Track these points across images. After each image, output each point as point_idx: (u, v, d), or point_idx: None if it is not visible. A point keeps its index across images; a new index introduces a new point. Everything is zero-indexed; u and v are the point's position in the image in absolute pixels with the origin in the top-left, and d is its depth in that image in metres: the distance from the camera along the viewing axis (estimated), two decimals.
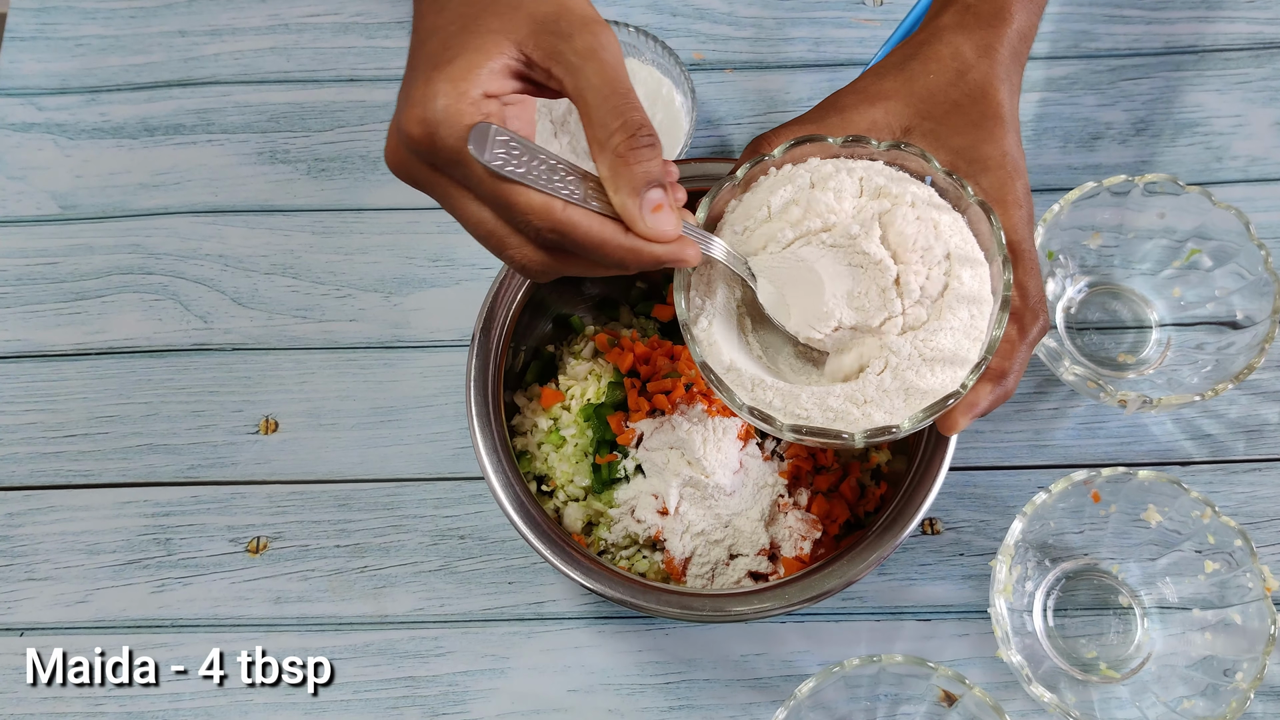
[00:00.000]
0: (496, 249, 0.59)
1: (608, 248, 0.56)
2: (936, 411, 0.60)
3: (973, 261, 0.62)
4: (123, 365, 0.89)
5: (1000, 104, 0.67)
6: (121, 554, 0.84)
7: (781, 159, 0.64)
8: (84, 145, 0.96)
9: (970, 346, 0.61)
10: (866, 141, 0.64)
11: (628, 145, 0.56)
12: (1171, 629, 0.79)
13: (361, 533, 0.84)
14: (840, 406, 0.61)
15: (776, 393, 0.61)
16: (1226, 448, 0.85)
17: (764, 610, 0.69)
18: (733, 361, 0.62)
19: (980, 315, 0.61)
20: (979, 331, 0.61)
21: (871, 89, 0.68)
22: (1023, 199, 0.65)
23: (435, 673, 0.80)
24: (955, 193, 0.63)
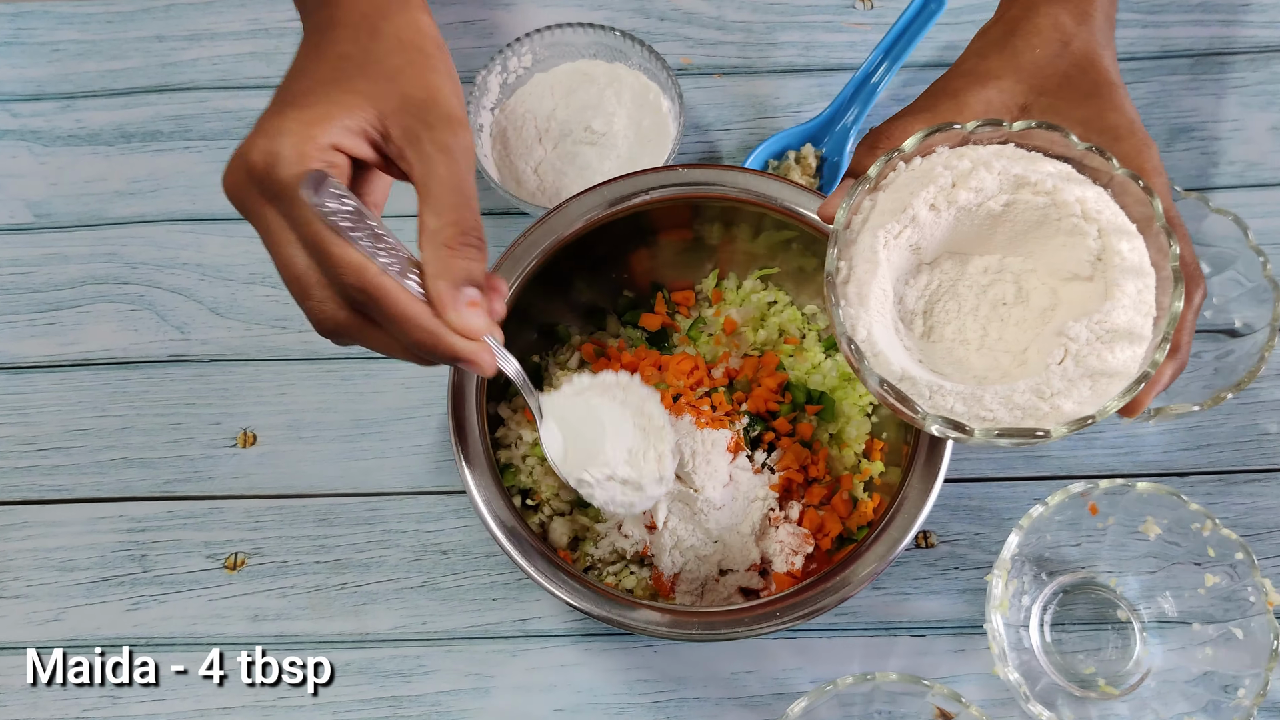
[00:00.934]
0: (299, 295, 0.58)
1: (410, 324, 0.56)
2: (1133, 393, 0.57)
3: (1128, 234, 0.59)
4: (97, 377, 0.87)
5: (1108, 70, 0.65)
6: (95, 570, 0.82)
7: (912, 153, 0.61)
8: (59, 152, 0.94)
9: (1143, 322, 0.58)
10: (998, 124, 0.61)
11: (458, 240, 0.56)
12: (1171, 644, 0.78)
13: (342, 548, 0.82)
14: (1026, 403, 0.57)
15: (957, 397, 0.58)
16: (1225, 458, 0.83)
17: (755, 629, 0.67)
18: (904, 369, 0.59)
19: (1147, 288, 0.59)
20: (1148, 305, 0.59)
21: (979, 70, 0.66)
22: (1160, 166, 0.64)
23: (418, 692, 0.78)
24: (1098, 165, 0.60)
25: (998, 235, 0.62)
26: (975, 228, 0.61)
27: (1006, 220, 0.61)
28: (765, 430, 0.79)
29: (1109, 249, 0.59)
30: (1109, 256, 0.59)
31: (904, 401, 0.57)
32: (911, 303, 0.63)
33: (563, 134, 0.88)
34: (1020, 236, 0.62)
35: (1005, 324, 0.62)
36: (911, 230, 0.60)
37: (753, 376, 0.80)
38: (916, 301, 0.63)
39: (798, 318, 0.83)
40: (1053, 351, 0.59)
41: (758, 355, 0.82)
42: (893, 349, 0.60)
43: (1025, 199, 0.60)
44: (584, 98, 0.89)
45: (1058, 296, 0.61)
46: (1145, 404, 0.60)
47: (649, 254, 0.82)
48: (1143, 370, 0.57)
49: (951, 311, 0.63)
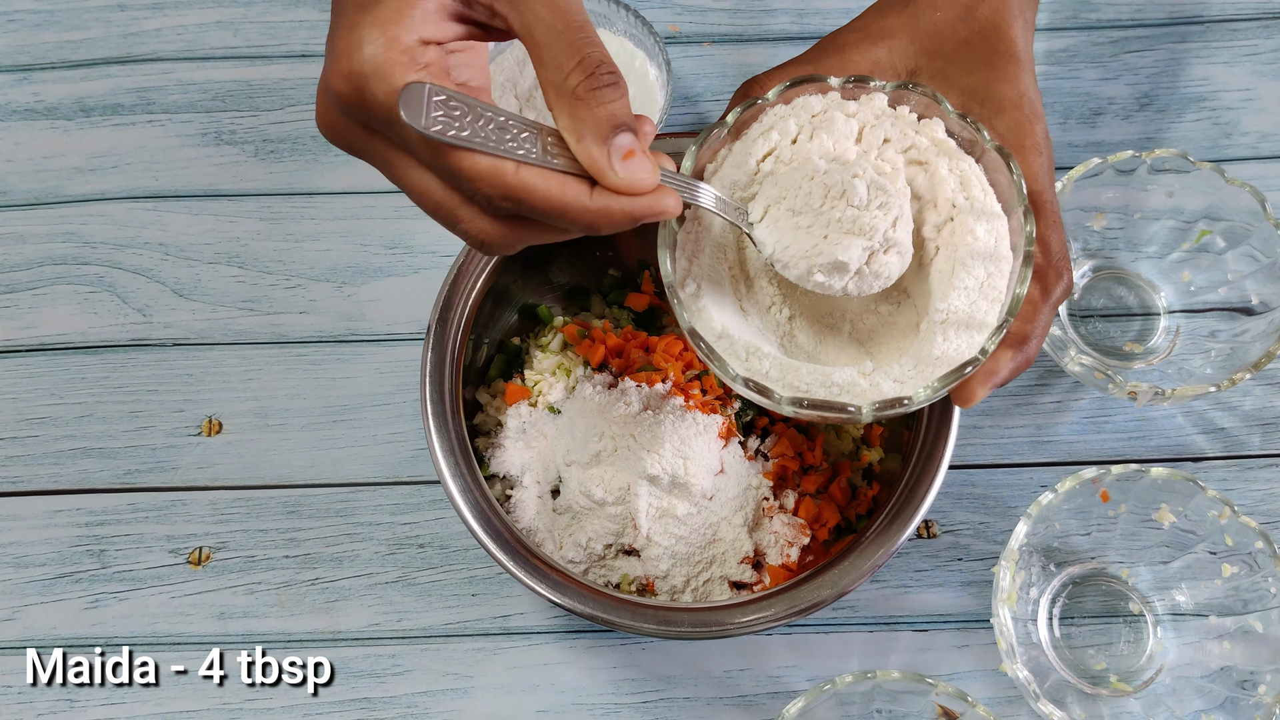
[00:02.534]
0: (448, 222, 0.52)
1: (573, 212, 0.50)
2: (953, 381, 0.53)
3: (988, 214, 0.56)
4: (55, 363, 0.84)
5: (1014, 40, 0.62)
6: (52, 567, 0.79)
7: (775, 101, 0.58)
8: (15, 127, 0.91)
9: (988, 308, 0.55)
10: (869, 82, 0.57)
11: (587, 86, 0.49)
12: (1186, 638, 0.75)
13: (312, 542, 0.79)
14: (846, 378, 0.54)
15: (774, 363, 0.55)
16: (1241, 442, 0.80)
17: (748, 625, 0.64)
18: (725, 328, 0.56)
19: (999, 274, 0.55)
20: (997, 292, 0.55)
21: (874, 26, 0.63)
22: (1043, 144, 0.60)
23: (393, 693, 0.75)
24: (969, 137, 0.57)
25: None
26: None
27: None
28: (759, 415, 0.75)
29: (963, 228, 0.55)
30: (960, 236, 0.55)
31: (713, 358, 0.54)
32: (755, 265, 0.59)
33: (544, 104, 0.84)
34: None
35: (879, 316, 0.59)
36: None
37: None
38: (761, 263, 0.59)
39: None
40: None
41: None
42: (721, 308, 0.56)
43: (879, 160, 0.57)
44: None
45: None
46: (978, 394, 0.57)
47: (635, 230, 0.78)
48: (970, 356, 0.54)
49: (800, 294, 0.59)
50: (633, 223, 0.51)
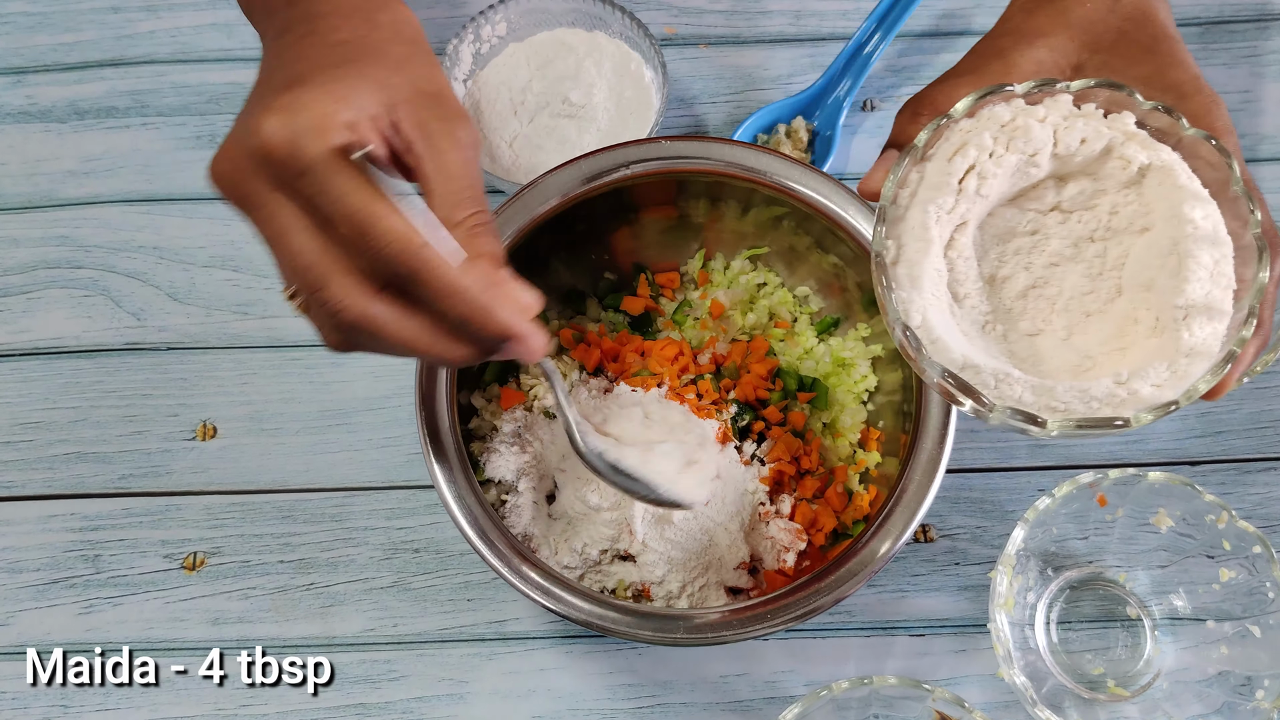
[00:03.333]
0: (314, 284, 0.51)
1: (461, 298, 0.51)
2: (1217, 375, 0.53)
3: (1201, 199, 0.55)
4: (49, 367, 0.83)
5: (1164, 23, 0.61)
6: (46, 572, 0.78)
7: (962, 117, 0.56)
8: (8, 130, 0.90)
9: (1222, 295, 0.54)
10: (1054, 84, 0.56)
11: (483, 226, 0.53)
12: (1184, 642, 0.75)
13: (307, 547, 0.78)
14: (1103, 392, 0.53)
15: (1026, 387, 0.54)
16: (1239, 446, 0.80)
17: (745, 633, 0.63)
18: (966, 357, 0.54)
19: (1224, 259, 0.54)
20: (1227, 278, 0.54)
21: (1027, 27, 0.62)
22: (1230, 124, 0.59)
23: (388, 699, 0.75)
24: (1164, 126, 0.56)
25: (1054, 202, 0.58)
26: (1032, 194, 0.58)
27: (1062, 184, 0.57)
28: (755, 419, 0.75)
29: (1179, 216, 0.54)
30: (1180, 225, 0.54)
31: (967, 392, 0.53)
32: (969, 282, 0.58)
33: (539, 106, 0.84)
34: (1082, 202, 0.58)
35: (1088, 313, 0.58)
36: (965, 203, 0.56)
37: (741, 362, 0.76)
38: (973, 279, 0.58)
39: (789, 300, 0.79)
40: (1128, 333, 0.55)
41: (746, 340, 0.78)
42: (950, 334, 0.55)
43: (1082, 155, 0.56)
44: (561, 68, 0.84)
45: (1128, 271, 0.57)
46: (1231, 385, 0.56)
47: (631, 233, 0.79)
48: (1227, 349, 0.53)
49: (1030, 295, 0.58)
50: (503, 335, 0.52)
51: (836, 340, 0.78)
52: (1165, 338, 0.54)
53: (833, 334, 0.78)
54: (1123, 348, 0.56)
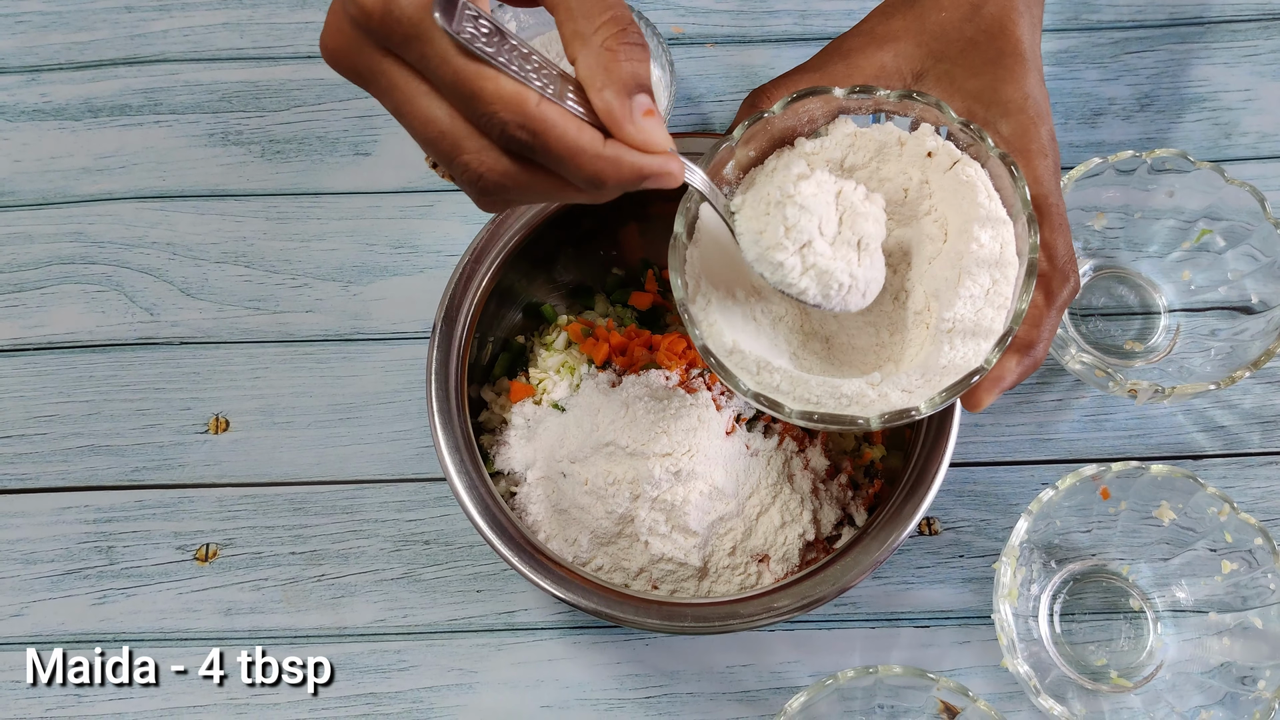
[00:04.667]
0: (448, 153, 0.50)
1: (584, 156, 0.48)
2: (959, 390, 0.54)
3: (994, 220, 0.56)
4: (63, 361, 0.84)
5: (1020, 40, 0.61)
6: (60, 563, 0.79)
7: (782, 114, 0.58)
8: (23, 127, 0.91)
9: (994, 315, 0.55)
10: (874, 92, 0.58)
11: (617, 39, 0.49)
12: (1186, 634, 0.75)
13: (318, 539, 0.79)
14: (855, 390, 0.55)
15: (784, 376, 0.56)
16: (1241, 440, 0.80)
17: (751, 621, 0.64)
18: (736, 343, 0.57)
19: (1004, 280, 0.56)
20: (1003, 298, 0.56)
21: (879, 30, 0.63)
22: (1048, 146, 0.60)
23: (398, 688, 0.75)
24: (972, 144, 0.58)
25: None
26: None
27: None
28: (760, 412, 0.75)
29: (968, 234, 0.56)
30: (967, 242, 0.56)
31: (724, 374, 0.56)
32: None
33: None
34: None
35: (879, 324, 0.61)
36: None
37: None
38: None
39: None
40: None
41: None
42: (731, 323, 0.57)
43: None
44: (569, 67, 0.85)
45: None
46: (985, 401, 0.59)
47: (639, 229, 0.79)
48: (976, 366, 0.54)
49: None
50: (638, 180, 0.50)
51: None
52: (932, 348, 0.56)
53: None
54: (904, 351, 0.59)
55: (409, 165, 0.88)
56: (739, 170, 0.59)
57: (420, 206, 0.87)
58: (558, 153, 0.48)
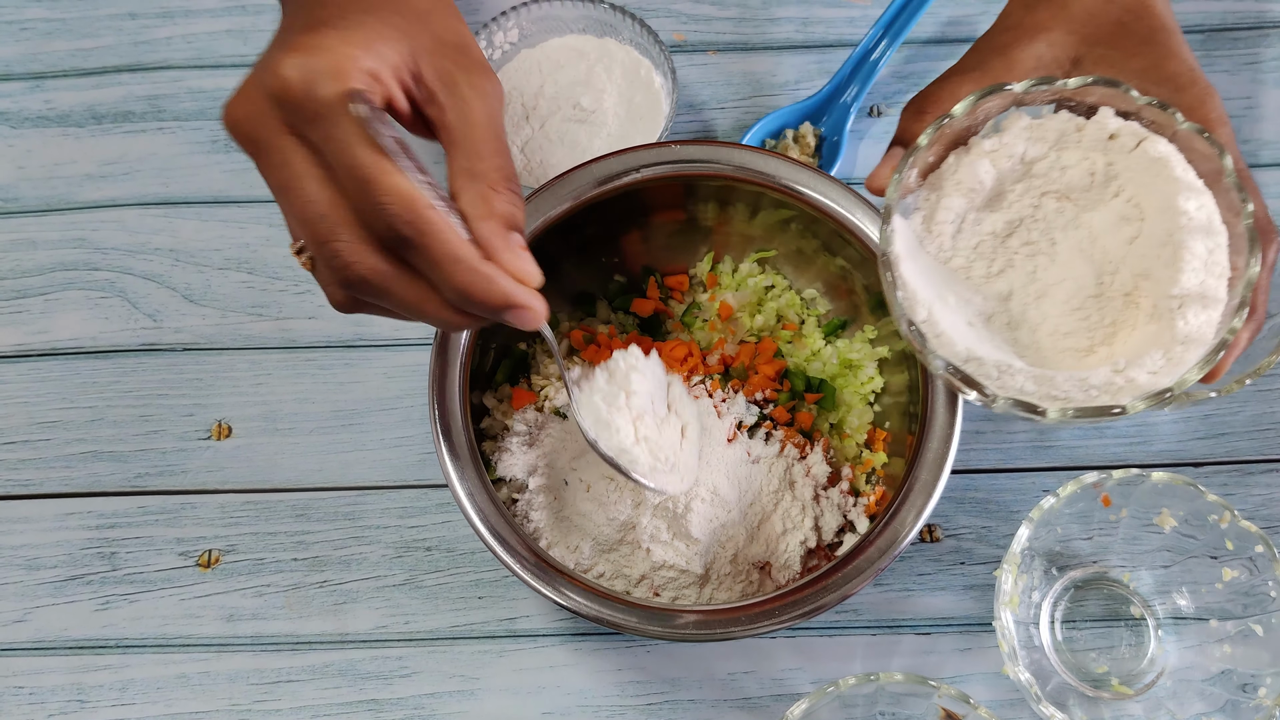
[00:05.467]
0: (324, 236, 0.51)
1: (461, 266, 0.50)
2: (1211, 362, 0.55)
3: (1195, 190, 0.57)
4: (66, 367, 0.84)
5: (1162, 14, 0.63)
6: (63, 569, 0.79)
7: (963, 117, 0.58)
8: (27, 134, 0.91)
9: (1217, 284, 0.56)
10: (1053, 82, 0.58)
11: (503, 184, 0.52)
12: (1187, 641, 0.75)
13: (320, 545, 0.79)
14: (1101, 380, 0.55)
15: (1028, 378, 0.56)
16: (1241, 448, 0.80)
17: (753, 629, 0.64)
18: (969, 350, 0.56)
19: (1219, 248, 0.56)
20: (1221, 266, 0.56)
21: (1027, 23, 0.64)
22: (1224, 115, 0.61)
23: (400, 695, 0.75)
24: (1159, 120, 0.58)
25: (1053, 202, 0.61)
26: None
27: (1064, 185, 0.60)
28: (763, 419, 0.76)
29: (1174, 208, 0.56)
30: (1175, 217, 0.56)
31: (970, 384, 0.55)
32: (974, 276, 0.61)
33: (551, 111, 0.85)
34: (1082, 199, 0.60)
35: (1085, 302, 0.60)
36: (967, 203, 0.59)
37: (749, 364, 0.77)
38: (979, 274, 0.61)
39: (796, 302, 0.80)
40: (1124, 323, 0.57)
41: (755, 341, 0.79)
42: (955, 328, 0.58)
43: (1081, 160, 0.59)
44: (573, 74, 0.86)
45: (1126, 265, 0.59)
46: (1225, 370, 0.58)
47: (641, 236, 0.79)
48: (1220, 337, 0.55)
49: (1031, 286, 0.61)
50: (504, 304, 0.52)
51: (844, 342, 0.79)
52: (1161, 325, 0.56)
53: (840, 336, 0.79)
54: (1116, 335, 0.58)
55: None
56: (920, 176, 0.60)
57: None
58: (437, 256, 0.50)
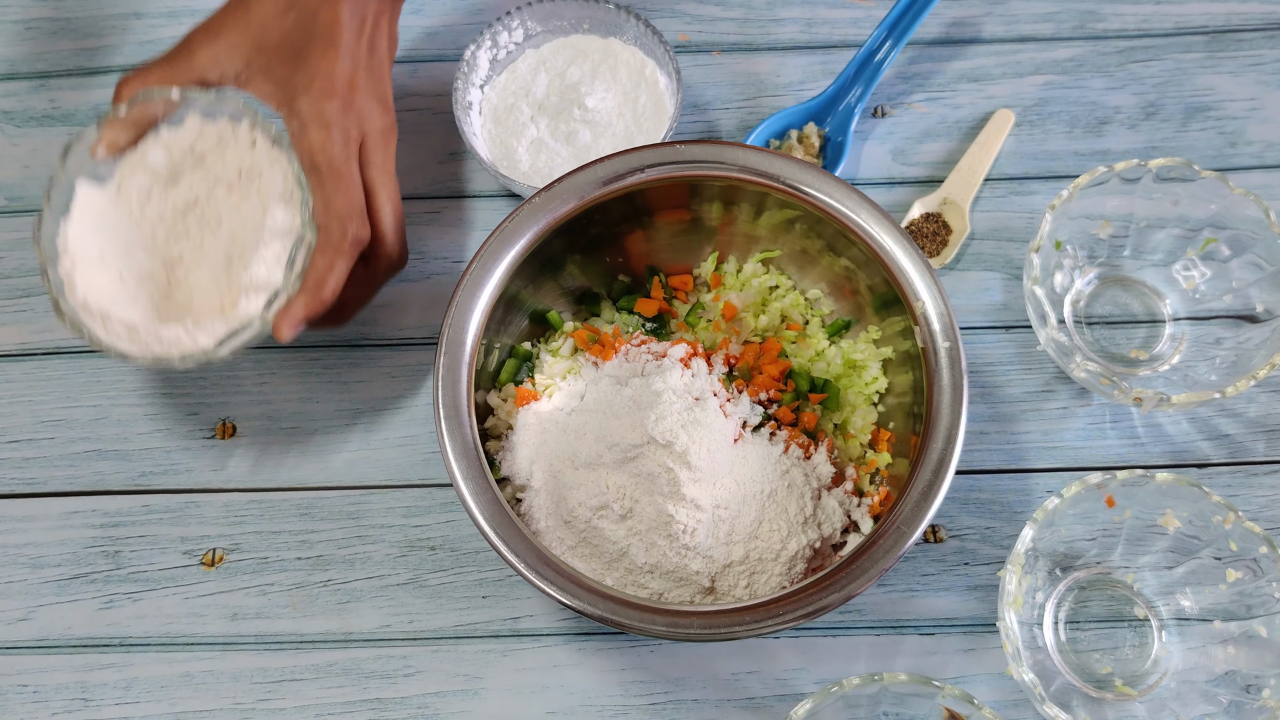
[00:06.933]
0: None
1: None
2: (241, 338, 0.70)
3: (285, 201, 0.70)
4: (70, 366, 0.84)
5: (337, 22, 0.69)
6: (67, 568, 0.79)
7: (140, 107, 0.72)
8: (32, 134, 0.91)
9: (278, 272, 0.70)
10: (194, 93, 0.71)
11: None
12: (1191, 642, 0.75)
13: (324, 544, 0.79)
14: (172, 335, 0.70)
15: (126, 326, 0.71)
16: (1246, 448, 0.80)
17: (757, 629, 0.64)
18: (86, 299, 0.71)
19: (291, 245, 0.70)
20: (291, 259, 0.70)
21: (216, 24, 0.72)
22: (334, 117, 0.69)
23: (403, 694, 0.75)
24: (275, 133, 0.71)
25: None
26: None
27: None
28: (767, 419, 0.76)
29: (267, 211, 0.70)
30: (265, 218, 0.70)
31: (76, 328, 0.70)
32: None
33: (556, 112, 0.85)
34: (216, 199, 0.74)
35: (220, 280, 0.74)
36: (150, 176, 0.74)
37: (754, 364, 0.77)
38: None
39: (800, 303, 0.80)
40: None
41: (759, 342, 0.79)
42: (91, 279, 0.71)
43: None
44: (578, 74, 0.86)
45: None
46: (284, 332, 0.70)
47: (645, 236, 0.79)
48: (265, 302, 0.70)
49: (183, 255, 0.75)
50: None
51: (848, 342, 0.79)
52: (234, 303, 0.71)
53: (844, 336, 0.79)
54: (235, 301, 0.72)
55: (415, 171, 0.89)
56: (117, 149, 0.73)
57: (427, 213, 0.87)
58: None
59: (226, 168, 0.74)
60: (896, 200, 0.87)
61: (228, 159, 0.74)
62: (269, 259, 0.70)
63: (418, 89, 0.92)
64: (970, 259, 0.86)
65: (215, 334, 0.70)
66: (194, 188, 0.75)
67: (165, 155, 0.74)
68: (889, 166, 0.88)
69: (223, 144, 0.74)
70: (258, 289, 0.70)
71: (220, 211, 0.74)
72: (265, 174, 0.72)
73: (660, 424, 0.69)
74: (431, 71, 0.92)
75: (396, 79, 0.92)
